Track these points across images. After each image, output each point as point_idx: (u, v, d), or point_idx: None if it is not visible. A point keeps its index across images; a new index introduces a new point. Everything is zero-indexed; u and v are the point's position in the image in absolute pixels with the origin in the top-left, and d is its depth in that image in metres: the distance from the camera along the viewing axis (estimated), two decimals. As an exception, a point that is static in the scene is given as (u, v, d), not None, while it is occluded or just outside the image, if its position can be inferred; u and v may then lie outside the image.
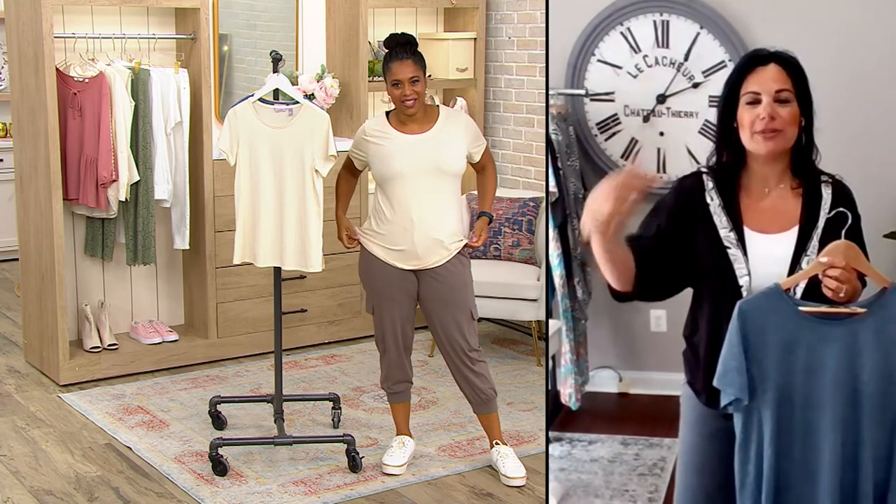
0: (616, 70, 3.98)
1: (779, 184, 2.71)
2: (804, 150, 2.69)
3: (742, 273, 2.67)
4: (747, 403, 2.55)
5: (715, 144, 2.77)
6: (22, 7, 5.14)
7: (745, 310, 2.53)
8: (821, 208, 2.67)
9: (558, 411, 4.20)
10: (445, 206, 4.06)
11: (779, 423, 2.53)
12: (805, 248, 2.65)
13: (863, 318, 2.50)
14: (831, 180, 2.70)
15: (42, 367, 5.40)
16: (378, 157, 4.03)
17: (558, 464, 3.96)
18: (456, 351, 4.12)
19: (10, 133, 7.68)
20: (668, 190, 2.82)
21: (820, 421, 2.52)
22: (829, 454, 2.51)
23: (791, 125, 2.64)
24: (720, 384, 2.56)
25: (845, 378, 2.50)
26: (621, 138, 4.03)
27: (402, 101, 3.98)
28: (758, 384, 2.53)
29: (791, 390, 2.52)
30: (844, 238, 2.55)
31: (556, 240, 3.97)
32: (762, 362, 2.53)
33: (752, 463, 2.57)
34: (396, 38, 4.04)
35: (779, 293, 2.53)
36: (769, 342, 2.52)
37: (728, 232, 2.69)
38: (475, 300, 4.19)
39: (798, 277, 2.57)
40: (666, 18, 3.90)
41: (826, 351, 2.51)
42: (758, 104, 2.63)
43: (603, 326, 4.37)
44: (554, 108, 4.03)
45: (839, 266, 2.50)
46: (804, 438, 2.53)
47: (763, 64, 2.65)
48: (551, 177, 3.91)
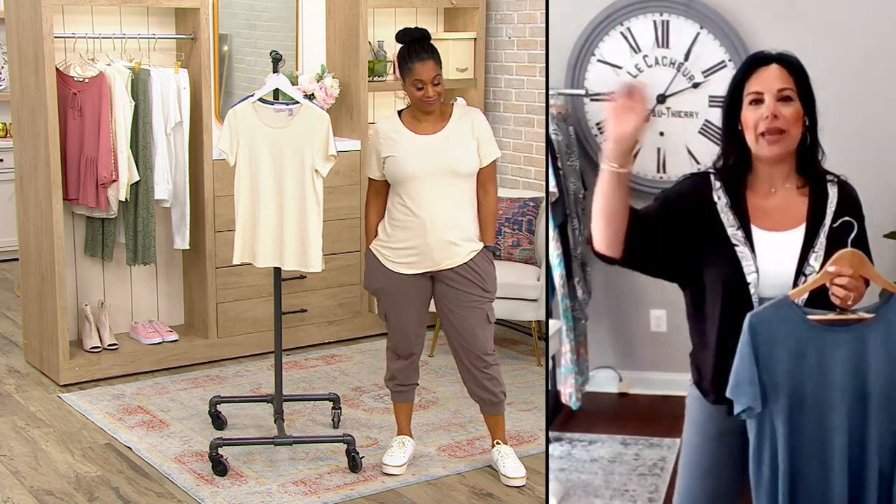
0: (616, 70, 3.98)
1: (785, 183, 2.73)
2: (809, 151, 2.71)
3: (750, 270, 2.69)
4: (759, 411, 2.59)
5: (721, 147, 2.79)
6: (22, 7, 5.14)
7: (755, 322, 2.57)
8: (827, 206, 2.69)
9: (558, 411, 4.20)
10: (460, 207, 4.00)
11: (791, 427, 2.58)
12: (813, 245, 2.68)
13: (870, 324, 2.54)
14: (837, 180, 2.73)
15: (42, 367, 5.40)
16: (392, 157, 3.99)
17: (558, 464, 3.96)
18: (469, 355, 4.08)
19: (10, 133, 7.68)
20: (674, 183, 2.85)
21: (830, 423, 2.57)
22: (840, 453, 2.57)
23: (794, 125, 2.65)
24: (733, 395, 2.60)
25: (853, 382, 2.56)
26: (621, 138, 4.02)
27: (424, 101, 3.93)
28: (769, 391, 2.58)
29: (802, 396, 2.58)
30: (850, 244, 2.57)
31: (556, 240, 3.97)
32: (773, 371, 2.57)
33: (766, 464, 2.62)
34: (411, 33, 3.97)
35: (788, 304, 2.57)
36: (780, 352, 2.57)
37: (736, 230, 2.71)
38: (492, 304, 4.11)
39: (806, 288, 2.60)
40: (666, 18, 3.90)
41: (834, 357, 2.56)
42: (761, 104, 2.65)
43: (603, 326, 4.37)
44: (554, 108, 4.03)
45: (846, 274, 2.53)
46: (816, 439, 2.59)
47: (765, 65, 2.68)
48: (551, 177, 3.91)
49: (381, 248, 4.06)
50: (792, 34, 3.61)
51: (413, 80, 3.91)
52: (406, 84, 3.95)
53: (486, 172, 4.04)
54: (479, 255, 4.03)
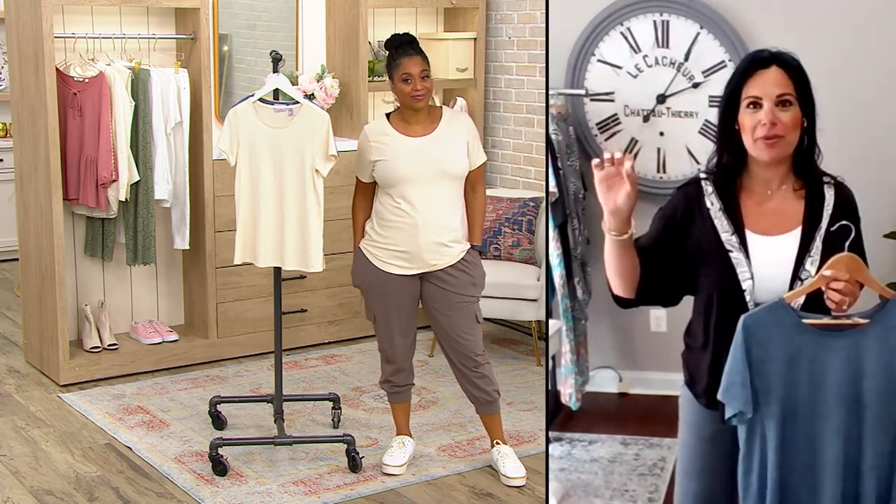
0: (616, 70, 3.98)
1: (781, 186, 2.70)
2: (806, 152, 2.68)
3: (745, 276, 2.66)
4: (751, 416, 2.56)
5: (716, 146, 2.76)
6: (22, 7, 5.14)
7: (749, 324, 2.54)
8: (824, 209, 2.66)
9: (558, 411, 4.20)
10: (450, 209, 4.03)
11: (783, 434, 2.55)
12: (808, 249, 2.64)
13: (865, 329, 2.51)
14: (833, 181, 2.69)
15: (42, 367, 5.40)
16: (382, 161, 4.01)
17: (558, 464, 3.96)
18: (460, 356, 4.10)
19: (10, 133, 7.68)
20: (668, 199, 2.83)
21: (823, 430, 2.54)
22: (832, 463, 2.53)
23: (793, 130, 2.62)
24: (724, 398, 2.57)
25: (848, 389, 2.52)
26: (621, 138, 4.03)
27: (413, 96, 3.96)
28: (761, 396, 2.55)
29: (795, 402, 2.54)
30: (847, 248, 2.55)
31: (556, 240, 3.97)
32: (766, 375, 2.54)
33: (755, 473, 2.58)
34: (400, 38, 4.03)
35: (783, 307, 2.54)
36: (773, 355, 2.53)
37: (730, 235, 2.68)
38: (479, 303, 4.16)
39: (802, 291, 2.58)
40: (666, 18, 3.90)
41: (829, 361, 2.52)
42: (759, 108, 2.61)
43: (603, 326, 4.36)
44: (554, 108, 4.03)
45: (843, 279, 2.51)
46: (807, 447, 2.55)
47: (764, 66, 2.63)
48: (551, 177, 3.91)
49: (370, 248, 4.08)
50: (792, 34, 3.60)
51: (401, 74, 3.95)
52: (395, 82, 3.99)
53: (476, 174, 4.11)
54: (467, 255, 4.07)
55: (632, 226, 2.70)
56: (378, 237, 4.06)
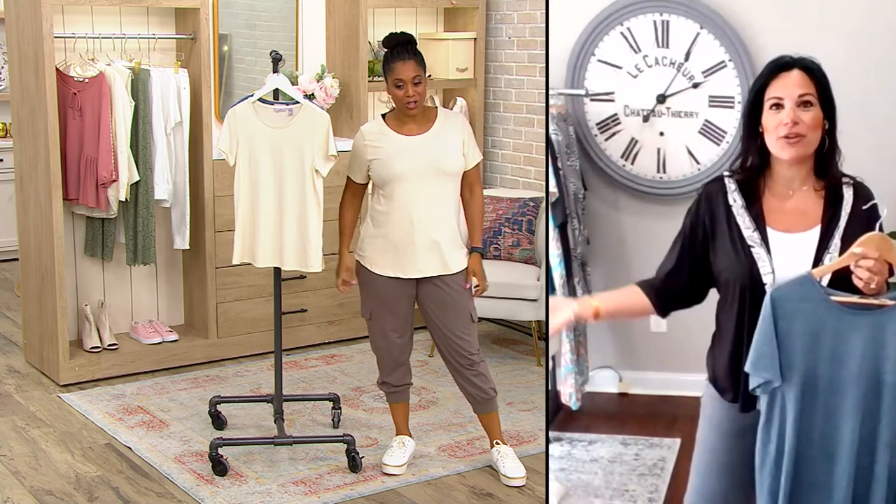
0: (616, 70, 3.98)
1: (802, 185, 2.79)
2: (827, 154, 2.77)
3: (766, 271, 2.75)
4: (778, 384, 2.62)
5: (741, 147, 2.86)
6: (22, 7, 5.14)
7: (777, 297, 2.61)
8: (842, 208, 2.75)
9: (558, 411, 4.20)
10: (445, 207, 4.05)
11: (802, 407, 2.61)
12: (827, 246, 2.73)
13: (890, 310, 2.56)
14: (853, 182, 2.78)
15: (42, 367, 5.40)
16: (378, 160, 4.02)
17: (558, 464, 3.96)
18: (456, 356, 4.12)
19: (10, 133, 7.68)
20: (694, 198, 2.94)
21: (842, 406, 2.59)
22: (849, 438, 2.59)
23: (814, 129, 2.72)
24: (752, 369, 2.63)
25: (869, 367, 2.57)
26: (621, 138, 4.03)
27: (406, 103, 3.97)
28: (784, 369, 2.61)
29: (816, 376, 2.60)
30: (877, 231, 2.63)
31: (556, 240, 3.96)
32: (790, 347, 2.60)
33: (773, 443, 2.64)
34: (396, 38, 4.03)
35: (810, 281, 2.61)
36: (798, 329, 2.60)
37: (752, 232, 2.78)
38: (474, 302, 4.18)
39: (831, 267, 2.65)
40: (666, 18, 3.90)
41: (852, 340, 2.58)
42: (781, 108, 2.72)
43: (603, 326, 4.36)
44: (554, 108, 4.03)
45: (872, 257, 2.57)
46: (825, 421, 2.61)
47: (786, 70, 2.74)
48: (551, 177, 3.91)
49: (365, 253, 4.10)
50: (793, 34, 3.60)
51: (394, 79, 3.96)
52: (388, 84, 4.00)
53: (472, 174, 4.13)
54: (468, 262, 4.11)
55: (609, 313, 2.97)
56: (372, 238, 4.07)
